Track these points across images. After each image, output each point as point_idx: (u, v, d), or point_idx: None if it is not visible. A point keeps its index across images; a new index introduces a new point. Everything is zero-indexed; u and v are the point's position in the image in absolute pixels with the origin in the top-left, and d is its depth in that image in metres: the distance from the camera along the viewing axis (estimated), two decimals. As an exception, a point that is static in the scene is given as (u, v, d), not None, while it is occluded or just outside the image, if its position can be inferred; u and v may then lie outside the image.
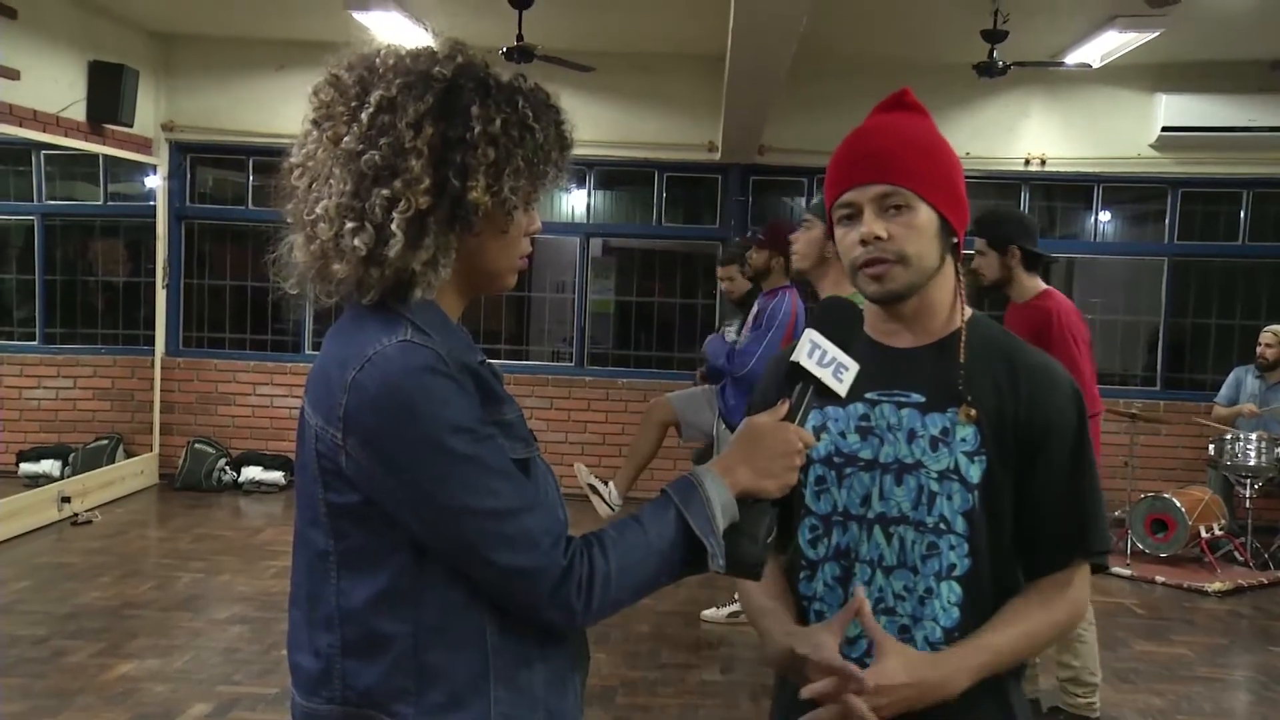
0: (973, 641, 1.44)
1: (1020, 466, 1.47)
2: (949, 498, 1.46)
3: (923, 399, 1.49)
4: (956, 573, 1.46)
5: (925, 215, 1.47)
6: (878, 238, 1.46)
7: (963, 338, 1.52)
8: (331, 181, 1.23)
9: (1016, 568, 1.50)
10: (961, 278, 1.56)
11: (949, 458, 1.47)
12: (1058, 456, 1.47)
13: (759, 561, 1.32)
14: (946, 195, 1.49)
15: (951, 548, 1.46)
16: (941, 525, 1.46)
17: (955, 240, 1.52)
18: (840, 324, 1.44)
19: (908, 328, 1.54)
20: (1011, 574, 1.50)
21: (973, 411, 1.46)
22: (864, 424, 1.51)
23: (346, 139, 1.23)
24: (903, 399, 1.50)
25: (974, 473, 1.46)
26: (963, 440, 1.47)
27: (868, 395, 1.50)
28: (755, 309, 4.94)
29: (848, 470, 1.51)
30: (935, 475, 1.46)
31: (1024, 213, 4.17)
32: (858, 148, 1.50)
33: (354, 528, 1.24)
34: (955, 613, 1.45)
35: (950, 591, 1.46)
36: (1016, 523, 1.49)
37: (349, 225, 1.21)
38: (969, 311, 1.56)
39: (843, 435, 1.52)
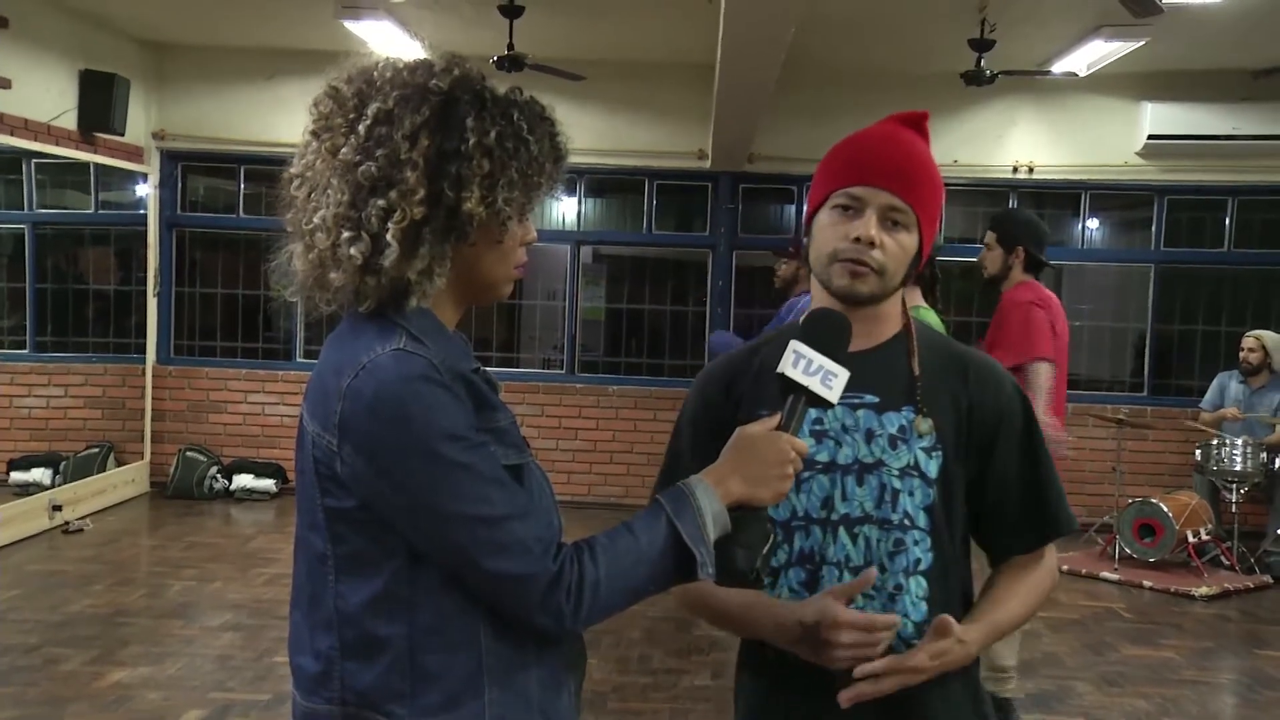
0: (982, 616, 1.50)
1: (976, 461, 1.52)
2: (911, 494, 1.49)
3: (877, 399, 1.52)
4: (922, 567, 1.49)
5: (912, 239, 1.51)
6: (872, 243, 1.47)
7: (914, 338, 1.56)
8: (329, 192, 1.25)
9: (967, 557, 1.56)
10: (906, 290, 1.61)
11: (909, 454, 1.49)
12: (1011, 447, 1.54)
13: (752, 570, 1.33)
14: (931, 225, 1.55)
15: (916, 543, 1.49)
16: (905, 521, 1.49)
17: (918, 265, 1.57)
18: (827, 335, 1.42)
19: (856, 332, 1.54)
20: (963, 564, 1.55)
21: (929, 421, 1.50)
22: (818, 428, 1.52)
23: (344, 150, 1.25)
24: (856, 400, 1.51)
25: (932, 468, 1.50)
26: (919, 436, 1.50)
27: None
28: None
29: (805, 475, 1.51)
30: (896, 472, 1.49)
31: (1040, 221, 4.35)
32: (880, 149, 1.51)
33: (351, 532, 1.26)
34: (924, 607, 1.48)
35: (918, 586, 1.49)
36: (977, 512, 1.55)
37: (346, 235, 1.23)
38: (907, 314, 1.60)
39: None
